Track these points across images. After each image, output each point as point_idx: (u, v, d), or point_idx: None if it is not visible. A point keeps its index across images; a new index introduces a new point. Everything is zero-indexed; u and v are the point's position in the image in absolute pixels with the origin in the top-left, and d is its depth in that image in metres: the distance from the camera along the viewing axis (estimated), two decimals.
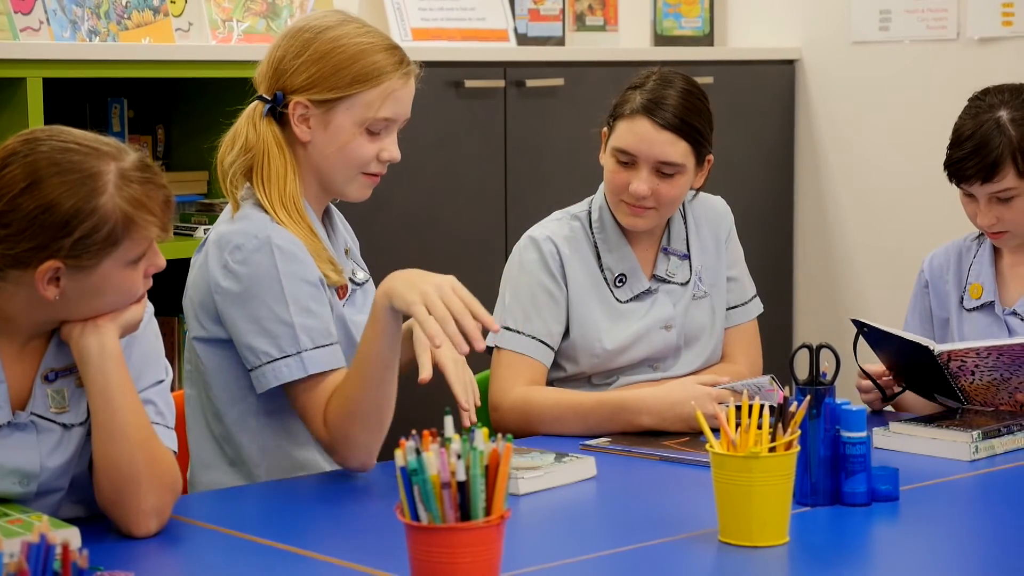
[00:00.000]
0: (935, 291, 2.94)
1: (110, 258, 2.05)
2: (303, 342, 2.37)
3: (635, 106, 2.77)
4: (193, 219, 3.61)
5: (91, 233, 2.02)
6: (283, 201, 2.42)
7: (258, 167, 2.44)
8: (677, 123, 2.75)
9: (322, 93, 2.43)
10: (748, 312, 2.97)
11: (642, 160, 2.77)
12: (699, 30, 4.71)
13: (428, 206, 3.92)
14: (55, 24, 3.36)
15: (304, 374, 2.37)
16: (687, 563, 2.01)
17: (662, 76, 2.80)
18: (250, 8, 3.68)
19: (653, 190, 2.77)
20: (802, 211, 4.70)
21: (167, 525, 2.14)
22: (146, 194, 2.06)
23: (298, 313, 2.37)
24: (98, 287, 2.07)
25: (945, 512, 2.26)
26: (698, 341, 2.89)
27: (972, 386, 2.66)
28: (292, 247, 2.39)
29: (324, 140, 2.45)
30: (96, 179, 2.03)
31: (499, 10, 4.19)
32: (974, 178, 2.78)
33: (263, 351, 2.38)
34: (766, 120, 4.63)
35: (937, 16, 4.34)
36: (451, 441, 1.75)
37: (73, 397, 2.14)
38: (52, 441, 2.12)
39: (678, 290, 2.88)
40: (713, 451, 2.05)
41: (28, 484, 2.11)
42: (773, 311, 4.77)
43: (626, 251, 2.85)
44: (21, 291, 2.06)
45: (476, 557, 1.74)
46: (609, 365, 2.83)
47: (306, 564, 2.02)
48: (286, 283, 2.37)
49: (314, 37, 2.43)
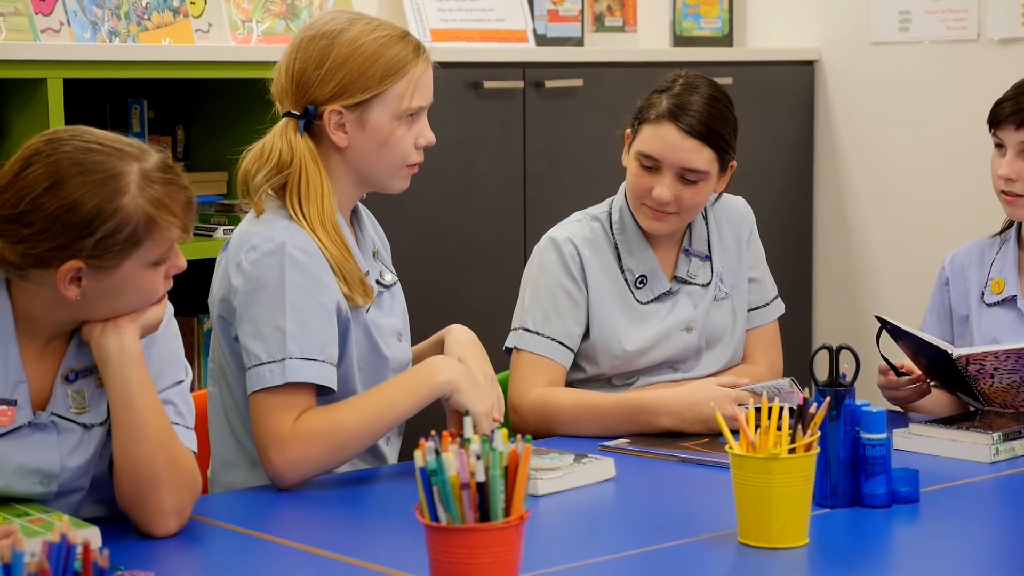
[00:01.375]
0: (955, 288, 2.93)
1: (131, 259, 2.05)
2: (290, 350, 2.34)
3: (661, 111, 2.75)
4: (213, 219, 3.61)
5: (113, 233, 2.02)
6: (322, 219, 2.40)
7: (294, 186, 2.41)
8: (703, 130, 2.74)
9: (354, 96, 2.41)
10: (769, 313, 2.96)
11: (666, 166, 2.76)
12: (718, 31, 4.71)
13: (447, 207, 3.92)
14: (75, 25, 3.37)
15: (282, 381, 2.34)
16: (706, 564, 2.01)
17: (688, 81, 2.79)
18: (269, 9, 3.68)
19: (676, 196, 2.76)
20: (821, 212, 4.69)
21: (187, 525, 2.14)
22: (168, 195, 2.06)
23: (293, 322, 2.34)
24: (119, 287, 2.07)
25: (965, 514, 2.26)
26: (719, 343, 2.89)
27: (992, 389, 2.65)
28: (307, 259, 2.37)
29: (363, 141, 2.44)
30: (118, 180, 2.03)
31: (518, 11, 4.19)
32: (1009, 120, 2.78)
33: (254, 354, 2.36)
34: (785, 121, 4.62)
35: (957, 17, 4.33)
36: (470, 442, 1.75)
37: (93, 397, 2.14)
38: (72, 441, 2.13)
39: (699, 291, 2.87)
40: (732, 452, 2.04)
41: (49, 484, 2.11)
42: (793, 312, 4.76)
43: (647, 252, 2.84)
44: (43, 291, 2.06)
45: (495, 558, 1.74)
46: (629, 367, 2.83)
47: (325, 564, 2.02)
48: (289, 291, 2.35)
49: (331, 43, 2.41)
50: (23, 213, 2.02)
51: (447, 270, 3.94)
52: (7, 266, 2.06)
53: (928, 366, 2.75)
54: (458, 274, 3.96)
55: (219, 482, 2.50)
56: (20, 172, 2.04)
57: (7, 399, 2.08)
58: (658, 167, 2.76)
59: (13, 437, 2.09)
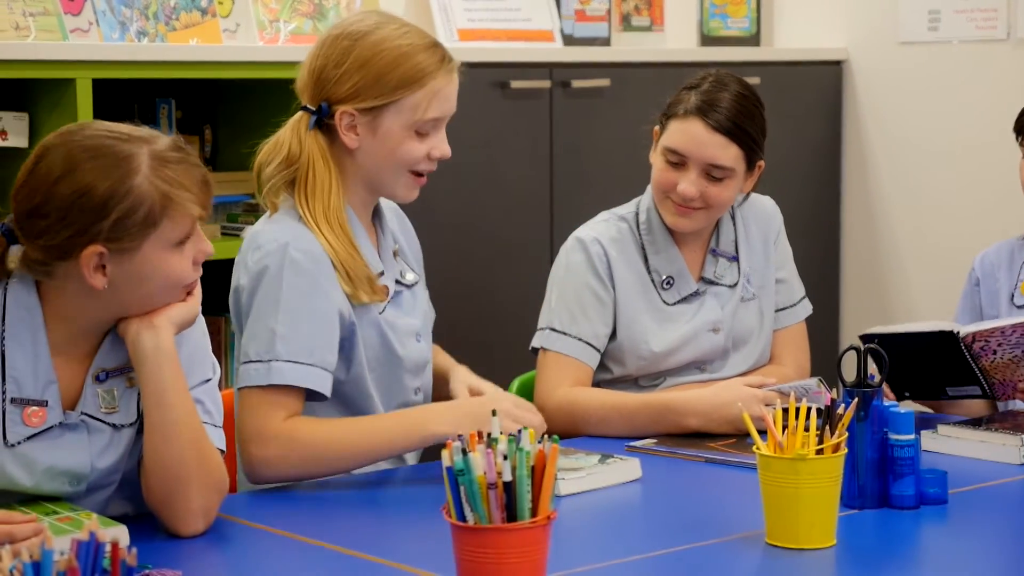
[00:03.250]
0: (986, 289, 2.92)
1: (151, 239, 2.06)
2: (278, 351, 2.35)
3: (689, 107, 2.76)
4: (240, 219, 3.62)
5: (129, 214, 2.03)
6: (327, 216, 2.41)
7: (301, 181, 2.43)
8: (730, 126, 2.74)
9: (368, 101, 2.42)
10: (796, 314, 2.95)
11: (692, 161, 2.76)
12: (746, 30, 4.69)
13: (473, 207, 3.92)
14: (104, 25, 3.38)
15: (266, 382, 2.35)
16: (734, 565, 2.01)
17: (718, 78, 2.79)
18: (297, 9, 3.69)
19: (701, 192, 2.76)
20: (849, 212, 4.68)
21: (214, 524, 2.15)
22: (181, 173, 2.07)
23: (284, 324, 2.35)
24: (144, 272, 2.07)
25: (994, 515, 2.25)
26: (746, 344, 2.88)
27: (992, 364, 2.63)
28: (308, 262, 2.38)
29: (373, 146, 2.44)
30: (130, 161, 2.04)
31: (545, 11, 4.19)
32: None
33: (245, 351, 2.39)
34: (813, 121, 4.61)
35: (987, 16, 4.31)
36: (497, 442, 1.75)
37: (123, 397, 2.15)
38: (103, 442, 2.13)
39: (726, 292, 2.86)
40: (760, 453, 2.04)
41: (78, 484, 2.12)
42: (820, 312, 4.75)
43: (673, 252, 2.84)
44: (70, 285, 2.07)
45: (522, 558, 1.74)
46: (656, 368, 2.82)
47: (352, 564, 2.02)
48: (285, 292, 2.36)
49: (353, 44, 2.42)
50: (39, 205, 2.04)
51: (473, 270, 3.94)
52: (33, 265, 2.07)
53: (914, 370, 2.70)
54: (484, 274, 3.96)
55: None
56: (34, 167, 2.06)
57: (38, 400, 2.09)
58: (684, 163, 2.76)
59: (44, 438, 2.10)
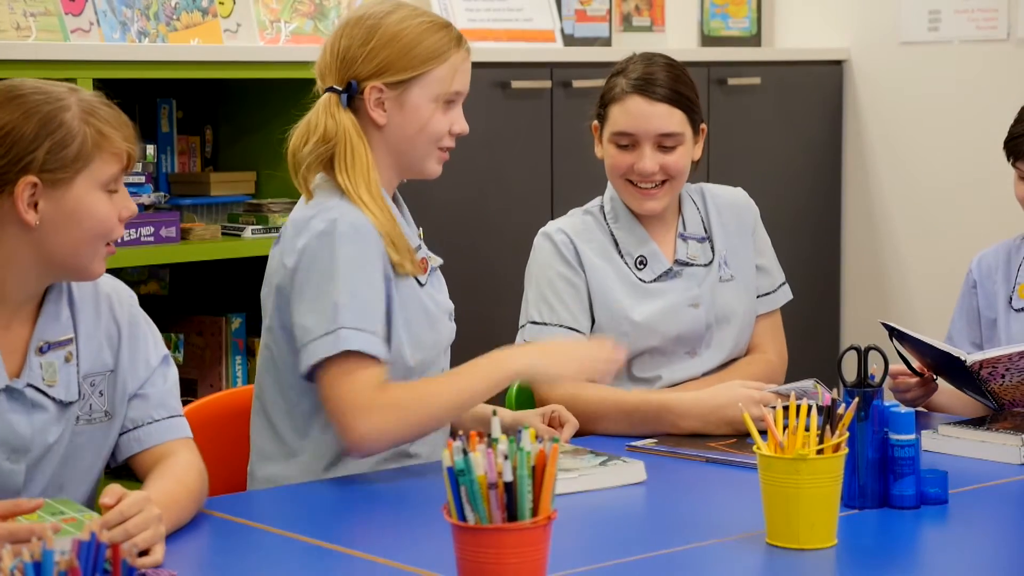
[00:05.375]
0: (983, 291, 2.92)
1: (83, 176, 2.09)
2: (342, 319, 2.36)
3: (625, 87, 2.82)
4: (241, 219, 3.62)
5: (61, 146, 2.07)
6: (368, 188, 2.45)
7: (340, 157, 2.47)
8: (669, 94, 2.81)
9: (396, 75, 2.47)
10: (776, 300, 2.97)
11: (643, 137, 2.80)
12: (746, 30, 4.70)
13: (475, 206, 3.93)
14: (105, 25, 3.38)
15: (336, 350, 2.35)
16: (734, 565, 2.01)
17: (643, 57, 2.87)
18: (298, 9, 3.69)
19: (660, 165, 2.81)
20: (850, 212, 4.68)
21: (213, 523, 2.16)
22: (110, 115, 2.12)
23: (344, 293, 2.37)
24: (75, 211, 2.09)
25: (995, 515, 2.25)
26: (729, 323, 2.89)
27: (1002, 388, 2.65)
28: (357, 232, 2.40)
29: (401, 120, 2.49)
30: (60, 99, 2.10)
31: (546, 11, 4.19)
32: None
33: (308, 328, 2.38)
34: (814, 121, 4.61)
35: (987, 16, 4.31)
36: (498, 442, 1.75)
37: (62, 372, 2.16)
38: (45, 416, 2.14)
39: (702, 271, 2.89)
40: (760, 453, 2.04)
41: (17, 460, 2.12)
42: (821, 312, 4.76)
43: (643, 234, 2.87)
44: (5, 233, 2.09)
45: (523, 557, 1.74)
46: (641, 344, 2.82)
47: (352, 563, 2.02)
48: (341, 263, 2.38)
49: (378, 23, 2.48)
50: None
51: (473, 270, 3.94)
52: None
53: (935, 367, 2.74)
54: (484, 274, 3.96)
55: (258, 474, 2.51)
56: None
57: None
58: (635, 142, 2.81)
59: None
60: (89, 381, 2.18)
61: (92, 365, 2.18)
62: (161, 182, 3.66)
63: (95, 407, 2.18)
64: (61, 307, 2.16)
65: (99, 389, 2.19)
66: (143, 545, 1.92)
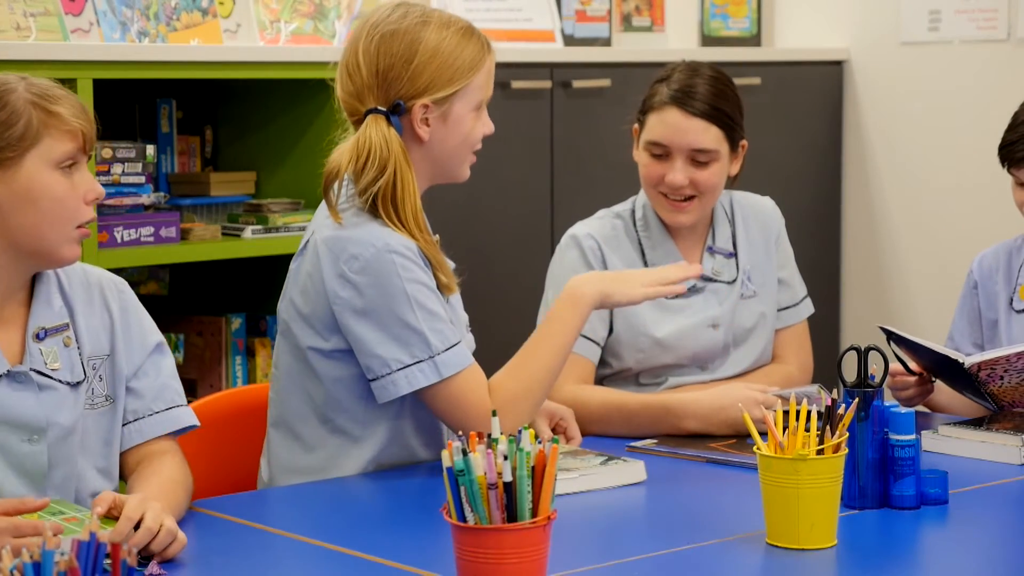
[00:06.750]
0: (984, 292, 2.92)
1: (32, 155, 2.09)
2: (435, 346, 2.37)
3: (664, 98, 2.80)
4: (241, 219, 3.62)
5: (6, 126, 2.08)
6: (415, 216, 2.43)
7: (389, 183, 2.41)
8: (707, 109, 2.77)
9: (442, 90, 2.44)
10: (799, 313, 2.96)
11: (675, 150, 2.78)
12: (746, 31, 4.70)
13: (474, 207, 3.92)
14: (105, 25, 3.38)
15: (438, 378, 2.37)
16: (734, 566, 2.01)
17: (688, 66, 2.84)
18: (298, 9, 3.69)
19: (690, 179, 2.78)
20: (850, 212, 4.68)
21: (209, 522, 2.16)
22: (59, 96, 2.13)
23: (425, 318, 2.37)
24: (29, 191, 2.10)
25: (995, 515, 2.25)
26: (746, 341, 2.89)
27: (1000, 389, 2.64)
28: (409, 252, 2.39)
29: (445, 133, 2.47)
30: (5, 83, 2.12)
31: (546, 11, 4.19)
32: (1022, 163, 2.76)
33: (394, 359, 2.36)
34: (814, 121, 4.61)
35: (987, 16, 4.31)
36: (498, 442, 1.75)
37: (63, 356, 2.16)
38: (56, 398, 2.14)
39: (725, 289, 2.87)
40: (761, 453, 2.04)
41: (38, 441, 2.12)
42: (821, 313, 4.74)
43: (670, 247, 2.86)
44: None
45: (522, 558, 1.74)
46: (655, 361, 2.82)
47: (352, 564, 2.02)
48: (409, 289, 2.37)
49: (417, 38, 2.43)
50: None
51: (473, 270, 3.93)
52: None
53: (934, 370, 2.74)
54: (484, 274, 3.96)
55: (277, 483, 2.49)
56: None
57: None
58: (668, 153, 2.79)
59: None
60: (91, 364, 2.19)
61: (92, 348, 2.20)
62: (161, 182, 3.65)
63: (97, 391, 2.20)
64: (52, 295, 2.18)
65: (99, 373, 2.21)
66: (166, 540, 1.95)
